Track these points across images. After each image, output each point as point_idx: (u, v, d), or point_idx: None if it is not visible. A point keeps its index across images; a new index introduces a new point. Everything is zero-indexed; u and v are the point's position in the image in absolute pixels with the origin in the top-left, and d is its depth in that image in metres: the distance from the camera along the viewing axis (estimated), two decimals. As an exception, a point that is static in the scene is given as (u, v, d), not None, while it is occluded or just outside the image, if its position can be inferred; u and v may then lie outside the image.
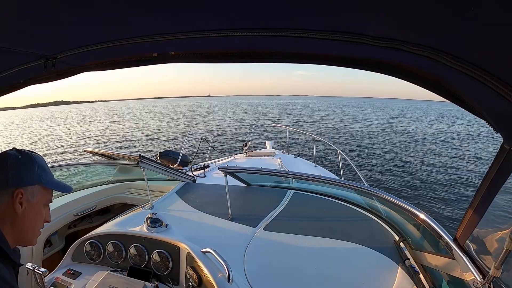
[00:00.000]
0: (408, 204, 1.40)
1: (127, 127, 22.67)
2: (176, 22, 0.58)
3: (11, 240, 0.64)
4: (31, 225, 0.68)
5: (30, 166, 0.67)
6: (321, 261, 1.47)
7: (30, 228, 0.67)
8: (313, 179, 1.89)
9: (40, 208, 0.69)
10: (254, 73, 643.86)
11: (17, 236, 0.65)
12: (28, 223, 0.66)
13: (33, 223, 0.68)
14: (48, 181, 0.70)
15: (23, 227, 0.66)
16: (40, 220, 0.70)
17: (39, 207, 0.69)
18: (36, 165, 0.68)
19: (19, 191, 0.63)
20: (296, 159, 4.39)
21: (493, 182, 0.78)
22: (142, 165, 1.95)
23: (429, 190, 7.10)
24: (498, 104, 0.52)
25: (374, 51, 0.56)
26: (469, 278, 0.99)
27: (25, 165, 0.67)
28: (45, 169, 0.71)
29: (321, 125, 22.06)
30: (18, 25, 0.58)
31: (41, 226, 0.71)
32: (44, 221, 0.72)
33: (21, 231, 0.66)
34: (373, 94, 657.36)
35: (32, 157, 0.69)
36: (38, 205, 0.68)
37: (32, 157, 0.69)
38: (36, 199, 0.67)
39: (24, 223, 0.65)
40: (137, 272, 1.46)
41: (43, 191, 0.69)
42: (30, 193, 0.66)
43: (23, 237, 0.67)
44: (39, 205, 0.69)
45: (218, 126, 21.04)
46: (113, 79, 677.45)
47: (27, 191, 0.65)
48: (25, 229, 0.66)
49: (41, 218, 0.70)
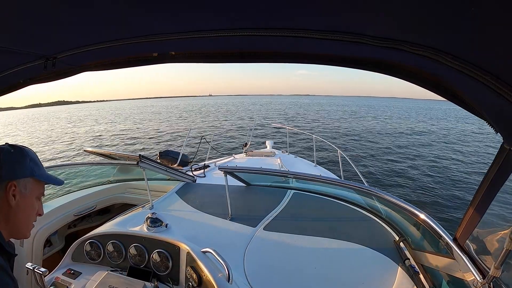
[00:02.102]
0: (408, 204, 1.40)
1: (127, 126, 22.67)
2: (176, 22, 0.58)
3: (5, 233, 0.66)
4: (25, 218, 0.70)
5: (23, 159, 0.69)
6: (321, 261, 1.47)
7: (23, 220, 0.70)
8: (313, 179, 1.89)
9: (33, 200, 0.72)
10: (255, 72, 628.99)
11: (11, 228, 0.67)
12: (22, 215, 0.68)
13: (27, 215, 0.70)
14: (40, 174, 0.73)
15: (17, 219, 0.68)
16: (33, 213, 0.72)
17: (31, 200, 0.71)
18: (28, 159, 0.71)
19: (12, 183, 0.65)
20: (296, 159, 4.39)
21: (493, 182, 0.78)
22: (142, 165, 1.95)
23: (429, 190, 7.10)
24: (498, 104, 0.52)
25: (374, 51, 0.56)
26: (469, 278, 0.99)
27: (18, 159, 0.69)
28: (37, 162, 0.73)
29: (322, 125, 22.06)
30: (18, 25, 0.58)
31: (34, 219, 0.73)
32: (37, 214, 0.74)
33: (14, 224, 0.67)
34: (374, 93, 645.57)
35: (24, 151, 0.71)
36: (31, 198, 0.71)
37: (25, 151, 0.71)
38: (29, 192, 0.70)
39: (17, 215, 0.67)
40: (137, 272, 1.46)
41: (36, 183, 0.72)
42: (23, 186, 0.68)
43: (17, 230, 0.69)
44: (32, 198, 0.71)
45: (218, 126, 21.04)
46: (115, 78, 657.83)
47: (20, 183, 0.67)
48: (18, 221, 0.68)
49: (34, 211, 0.72)
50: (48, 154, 12.73)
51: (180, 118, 29.65)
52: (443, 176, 8.37)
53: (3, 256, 0.62)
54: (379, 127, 20.56)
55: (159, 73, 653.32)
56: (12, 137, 20.83)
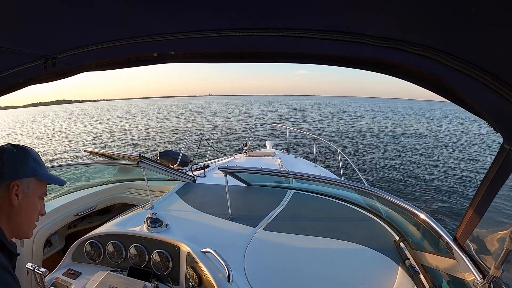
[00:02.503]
0: (408, 204, 1.40)
1: (127, 126, 22.67)
2: (176, 22, 0.58)
3: (7, 232, 0.66)
4: (27, 217, 0.70)
5: (25, 159, 0.70)
6: (321, 261, 1.47)
7: (26, 220, 0.70)
8: (313, 179, 1.89)
9: (35, 200, 0.72)
10: (255, 72, 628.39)
11: (14, 228, 0.67)
12: (24, 215, 0.69)
13: (29, 215, 0.70)
14: (43, 174, 0.73)
15: (19, 219, 0.68)
16: (35, 212, 0.73)
17: (34, 199, 0.71)
18: (30, 159, 0.71)
19: (15, 183, 0.65)
20: (296, 159, 4.39)
21: (493, 182, 0.78)
22: (142, 165, 1.95)
23: (429, 189, 7.10)
24: (498, 104, 0.52)
25: (374, 51, 0.56)
26: (469, 278, 0.99)
27: (20, 158, 0.69)
28: (39, 162, 0.74)
29: (322, 125, 22.05)
30: (18, 25, 0.58)
31: (36, 218, 0.73)
32: (39, 214, 0.74)
33: (17, 223, 0.68)
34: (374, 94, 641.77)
35: (27, 151, 0.71)
36: (33, 197, 0.71)
37: (27, 151, 0.71)
38: (32, 191, 0.70)
39: (20, 215, 0.68)
40: (137, 272, 1.46)
41: (38, 183, 0.72)
42: (25, 185, 0.68)
43: (19, 229, 0.69)
44: (34, 197, 0.71)
45: (218, 126, 21.03)
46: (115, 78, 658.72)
47: (23, 183, 0.67)
48: (21, 221, 0.68)
49: (36, 211, 0.73)
50: (48, 154, 12.73)
51: (180, 118, 29.63)
52: (443, 176, 8.37)
53: (5, 256, 0.62)
54: (379, 127, 20.56)
55: (160, 73, 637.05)
56: (11, 137, 20.83)
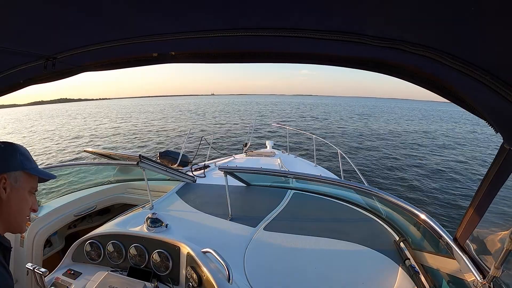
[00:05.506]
0: (408, 204, 1.40)
1: (128, 126, 22.66)
2: (176, 22, 0.58)
3: (0, 227, 0.67)
4: (17, 211, 0.70)
5: (13, 154, 0.70)
6: (321, 261, 1.47)
7: (16, 214, 0.70)
8: (313, 179, 1.89)
9: (25, 194, 0.72)
10: (257, 72, 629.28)
11: (4, 222, 0.68)
12: (14, 209, 0.69)
13: (19, 208, 0.71)
14: (31, 168, 0.73)
15: (9, 213, 0.68)
16: (26, 207, 0.73)
17: (23, 193, 0.71)
18: (18, 153, 0.71)
19: (2, 176, 0.66)
20: (296, 159, 4.38)
21: (493, 182, 0.78)
22: (142, 165, 1.95)
23: (429, 189, 7.10)
24: (498, 104, 0.52)
25: (374, 51, 0.56)
26: (469, 278, 0.99)
27: (8, 153, 0.70)
28: (28, 157, 0.74)
29: (322, 125, 22.05)
30: (19, 25, 0.58)
31: (27, 213, 0.74)
32: (31, 209, 0.74)
33: (7, 217, 0.68)
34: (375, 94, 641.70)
35: (14, 146, 0.72)
36: (23, 191, 0.71)
37: (14, 146, 0.72)
38: (20, 185, 0.70)
39: (9, 209, 0.68)
40: (137, 272, 1.46)
41: (27, 177, 0.72)
42: (13, 178, 0.68)
43: (11, 223, 0.70)
44: (23, 191, 0.71)
45: (218, 126, 21.02)
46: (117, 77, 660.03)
47: (11, 176, 0.68)
48: (11, 214, 0.69)
49: (27, 205, 0.73)
50: (48, 154, 12.73)
51: (180, 118, 29.63)
52: (443, 176, 8.37)
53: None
54: (379, 128, 20.56)
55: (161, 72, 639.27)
56: (10, 137, 20.82)
